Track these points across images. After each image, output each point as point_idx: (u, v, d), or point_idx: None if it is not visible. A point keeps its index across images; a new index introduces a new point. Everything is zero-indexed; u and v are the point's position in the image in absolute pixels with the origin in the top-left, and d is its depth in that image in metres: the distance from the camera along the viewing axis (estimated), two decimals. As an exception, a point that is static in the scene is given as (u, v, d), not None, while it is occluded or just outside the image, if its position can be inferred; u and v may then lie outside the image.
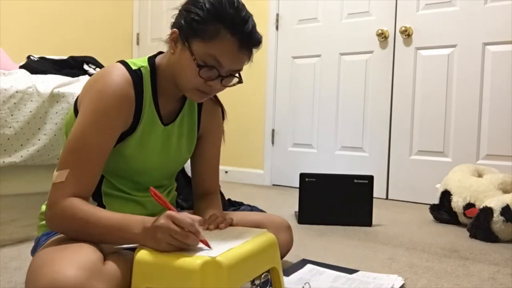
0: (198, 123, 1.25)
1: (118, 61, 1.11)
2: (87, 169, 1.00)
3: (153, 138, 1.14)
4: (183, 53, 1.06)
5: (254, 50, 1.09)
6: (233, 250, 0.90)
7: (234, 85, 1.12)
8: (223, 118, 1.32)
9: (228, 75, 1.08)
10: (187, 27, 1.04)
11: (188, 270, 0.84)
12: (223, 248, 0.89)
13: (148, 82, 1.11)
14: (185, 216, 0.89)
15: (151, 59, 1.15)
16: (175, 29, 1.07)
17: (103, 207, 1.12)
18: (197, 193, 1.34)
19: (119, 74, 1.06)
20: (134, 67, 1.09)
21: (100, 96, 1.03)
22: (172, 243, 0.88)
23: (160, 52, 1.18)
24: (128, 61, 1.12)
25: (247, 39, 1.05)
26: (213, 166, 1.32)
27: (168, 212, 0.90)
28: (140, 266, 0.89)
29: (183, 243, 0.88)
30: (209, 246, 0.90)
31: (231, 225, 1.10)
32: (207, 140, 1.29)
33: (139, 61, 1.13)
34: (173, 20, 1.11)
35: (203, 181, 1.31)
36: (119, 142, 1.09)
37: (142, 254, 0.89)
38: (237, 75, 1.10)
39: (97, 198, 1.13)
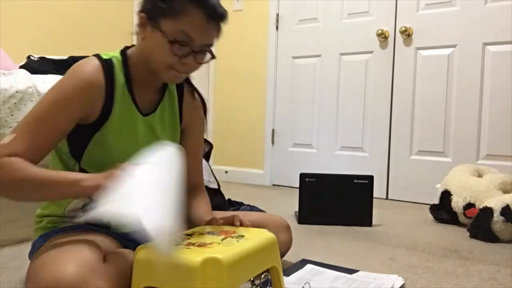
0: (180, 116, 1.25)
1: (92, 55, 1.14)
2: (36, 139, 1.01)
3: (132, 128, 1.14)
4: (154, 34, 1.07)
5: (222, 25, 1.11)
6: (233, 248, 0.91)
7: (207, 61, 1.13)
8: (205, 111, 1.33)
9: (200, 50, 1.09)
10: (153, 9, 1.07)
11: (188, 267, 0.84)
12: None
13: (119, 70, 1.13)
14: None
15: (123, 50, 1.17)
16: (142, 14, 1.09)
17: None
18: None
19: (89, 63, 1.09)
20: (105, 57, 1.12)
21: (66, 78, 1.07)
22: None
23: (130, 46, 1.20)
24: (101, 53, 1.14)
25: (213, 11, 1.06)
26: (198, 159, 1.32)
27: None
28: (141, 264, 0.89)
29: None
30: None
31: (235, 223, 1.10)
32: (190, 133, 1.29)
33: (111, 53, 1.16)
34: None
35: (188, 176, 1.29)
36: (95, 132, 1.09)
37: (143, 253, 0.90)
38: (209, 51, 1.12)
39: None
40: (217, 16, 1.08)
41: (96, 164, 1.12)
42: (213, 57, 1.13)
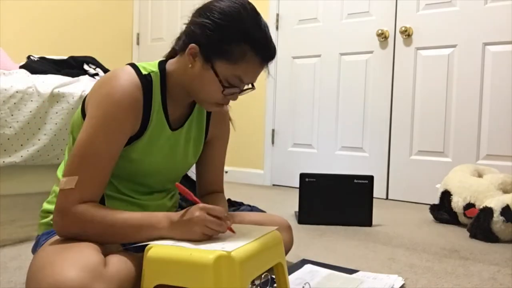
0: (206, 130, 1.25)
1: (128, 64, 1.10)
2: (96, 175, 1.00)
3: (160, 143, 1.13)
4: (205, 71, 1.04)
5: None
6: (243, 245, 0.91)
7: (247, 92, 1.14)
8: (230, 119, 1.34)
9: (245, 88, 1.11)
10: (210, 46, 1.02)
11: (201, 265, 0.84)
12: (237, 244, 0.90)
13: (157, 88, 1.10)
14: (217, 207, 0.97)
15: (162, 65, 1.13)
16: (194, 45, 1.04)
17: None
18: (202, 194, 1.33)
19: (128, 79, 1.05)
20: (144, 72, 1.08)
21: (107, 100, 1.02)
22: (207, 233, 0.95)
23: (171, 56, 1.16)
24: (138, 64, 1.10)
25: (269, 57, 1.07)
26: (220, 169, 1.33)
27: (200, 204, 0.97)
28: (152, 263, 0.90)
29: (216, 231, 0.95)
30: (233, 231, 1.00)
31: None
32: (215, 145, 1.29)
33: (150, 65, 1.12)
34: (185, 23, 1.08)
35: (210, 184, 1.32)
36: (126, 146, 1.08)
37: (154, 252, 0.90)
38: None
39: (100, 200, 1.12)
40: (271, 60, 1.08)
41: (118, 173, 1.11)
42: (253, 88, 1.13)
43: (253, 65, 1.04)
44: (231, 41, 1.01)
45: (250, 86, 1.11)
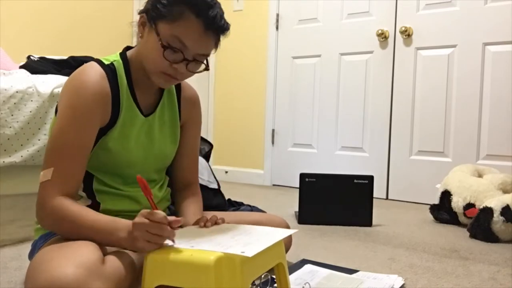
0: (179, 114, 1.26)
1: (92, 60, 1.14)
2: (70, 166, 1.03)
3: (135, 130, 1.14)
4: (150, 36, 1.07)
5: (221, 38, 1.10)
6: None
7: (200, 71, 1.12)
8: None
9: (194, 60, 1.08)
10: (153, 10, 1.06)
11: (202, 265, 0.84)
12: (257, 248, 0.89)
13: (122, 74, 1.13)
14: (158, 212, 0.90)
15: (123, 53, 1.17)
16: (142, 14, 1.09)
17: (98, 204, 1.12)
18: (177, 184, 1.32)
19: (93, 71, 1.08)
20: (106, 63, 1.12)
21: (75, 93, 1.05)
22: (149, 239, 0.89)
23: (129, 47, 1.20)
24: (100, 58, 1.14)
25: (212, 22, 1.05)
26: (194, 156, 1.32)
27: (142, 210, 0.92)
28: (153, 264, 0.89)
29: (158, 236, 0.88)
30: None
31: (216, 223, 1.07)
32: (188, 130, 1.29)
33: (111, 56, 1.16)
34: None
35: (184, 171, 1.30)
36: (102, 136, 1.10)
37: (155, 252, 0.90)
38: (204, 62, 1.10)
39: (91, 196, 1.13)
40: (216, 28, 1.07)
41: (101, 166, 1.12)
42: (206, 68, 1.12)
43: (192, 27, 1.03)
44: (172, 3, 1.04)
45: (203, 65, 1.10)
